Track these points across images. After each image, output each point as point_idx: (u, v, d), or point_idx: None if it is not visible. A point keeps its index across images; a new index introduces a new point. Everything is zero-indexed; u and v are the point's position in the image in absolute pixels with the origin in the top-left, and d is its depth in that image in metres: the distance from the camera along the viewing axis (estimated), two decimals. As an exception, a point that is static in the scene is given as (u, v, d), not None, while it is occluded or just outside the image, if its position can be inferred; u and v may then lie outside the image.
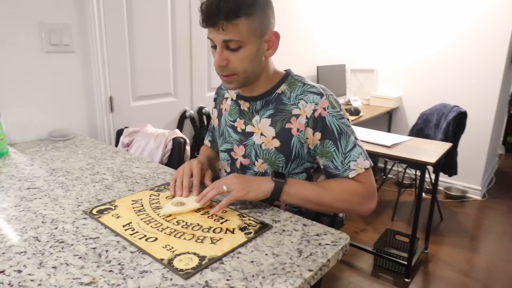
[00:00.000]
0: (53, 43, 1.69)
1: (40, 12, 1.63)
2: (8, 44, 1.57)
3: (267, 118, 1.10)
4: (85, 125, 1.89)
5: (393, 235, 2.61)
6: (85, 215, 0.95)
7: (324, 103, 1.03)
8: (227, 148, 1.20)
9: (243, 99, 1.15)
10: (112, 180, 1.21)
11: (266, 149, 1.10)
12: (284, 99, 1.08)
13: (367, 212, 1.03)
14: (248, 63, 1.01)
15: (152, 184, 1.17)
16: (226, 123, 1.20)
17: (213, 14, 0.93)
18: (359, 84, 4.13)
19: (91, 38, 1.82)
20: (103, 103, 1.91)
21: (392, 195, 3.62)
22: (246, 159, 1.15)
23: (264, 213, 0.98)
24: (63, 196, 1.06)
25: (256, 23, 0.98)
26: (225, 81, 1.05)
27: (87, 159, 1.43)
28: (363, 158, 1.03)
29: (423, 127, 3.16)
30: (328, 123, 1.02)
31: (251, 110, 1.13)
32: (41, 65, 1.68)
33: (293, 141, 1.06)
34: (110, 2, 1.87)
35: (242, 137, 1.15)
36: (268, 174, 1.12)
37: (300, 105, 1.05)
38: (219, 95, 1.29)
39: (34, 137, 1.71)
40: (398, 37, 3.83)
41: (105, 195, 1.08)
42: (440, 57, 3.59)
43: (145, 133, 1.79)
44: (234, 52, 0.99)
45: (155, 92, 2.19)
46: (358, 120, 3.17)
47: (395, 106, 3.83)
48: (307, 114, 1.03)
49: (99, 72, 1.87)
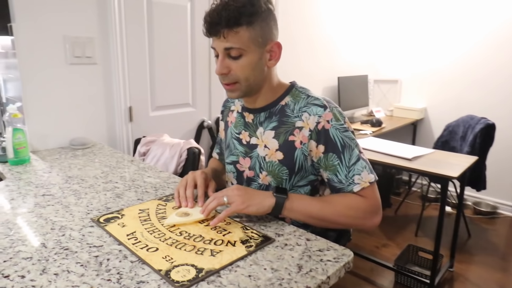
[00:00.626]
0: (76, 55, 1.76)
1: (65, 26, 1.71)
2: (34, 56, 1.64)
3: (270, 130, 1.10)
4: (104, 134, 1.94)
5: (416, 252, 2.53)
6: (92, 223, 0.97)
7: (328, 115, 1.02)
8: (233, 160, 1.21)
9: (247, 111, 1.16)
10: (123, 188, 1.23)
11: (269, 161, 1.10)
12: (288, 111, 1.08)
13: (371, 227, 1.02)
14: (249, 71, 1.02)
15: (161, 194, 1.19)
16: (232, 135, 1.21)
17: (215, 22, 0.96)
18: (382, 95, 4.06)
19: (113, 50, 1.88)
20: (122, 113, 1.97)
21: (417, 209, 3.52)
22: (251, 171, 1.15)
23: (268, 226, 0.98)
24: (75, 204, 1.09)
25: (257, 32, 0.99)
26: (227, 89, 1.06)
27: (103, 168, 1.46)
28: (367, 172, 1.01)
29: (449, 139, 3.08)
30: (332, 136, 1.02)
31: (255, 122, 1.14)
32: (65, 76, 1.75)
33: (296, 153, 1.06)
34: (132, 16, 1.93)
35: (247, 149, 1.16)
36: (270, 186, 1.12)
37: (304, 118, 1.04)
38: (225, 108, 1.31)
39: (55, 145, 1.77)
40: (422, 46, 3.76)
41: (114, 204, 1.10)
42: (467, 68, 3.50)
43: (161, 142, 1.82)
44: (235, 60, 1.00)
45: (173, 102, 2.23)
46: (380, 132, 3.11)
47: (419, 117, 3.74)
48: (310, 127, 1.03)
49: (120, 83, 1.92)
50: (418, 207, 3.55)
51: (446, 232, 2.95)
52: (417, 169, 2.11)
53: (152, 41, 2.05)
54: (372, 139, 2.73)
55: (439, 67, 3.68)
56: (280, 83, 1.12)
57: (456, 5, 3.49)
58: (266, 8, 1.01)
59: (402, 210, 3.50)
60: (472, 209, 3.54)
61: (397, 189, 3.85)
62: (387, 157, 2.30)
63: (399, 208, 3.50)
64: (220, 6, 0.96)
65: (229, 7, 0.95)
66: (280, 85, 1.12)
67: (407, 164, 2.17)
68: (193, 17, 2.21)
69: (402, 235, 3.03)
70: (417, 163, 2.19)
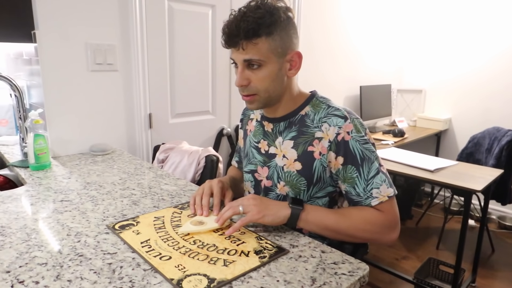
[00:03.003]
0: (97, 62, 1.79)
1: (87, 33, 1.74)
2: (57, 63, 1.68)
3: (289, 140, 1.09)
4: (124, 141, 1.97)
5: (437, 265, 2.46)
6: (107, 229, 0.98)
7: (348, 126, 1.01)
8: (251, 169, 1.20)
9: (267, 120, 1.15)
10: (139, 195, 1.24)
11: (288, 171, 1.09)
12: (308, 121, 1.07)
13: (388, 242, 0.99)
14: (269, 82, 1.01)
15: (177, 202, 1.19)
16: (251, 144, 1.21)
17: (233, 34, 0.96)
18: (406, 104, 4.00)
19: (134, 57, 1.91)
20: (142, 119, 1.99)
21: (438, 221, 3.44)
22: (269, 180, 1.14)
23: (283, 236, 0.97)
24: (91, 210, 1.11)
25: (277, 42, 0.98)
26: (246, 101, 1.06)
27: (121, 174, 1.48)
28: (386, 186, 0.99)
29: (474, 151, 3.00)
30: (351, 148, 1.00)
31: (274, 131, 1.13)
32: (86, 83, 1.78)
33: (315, 164, 1.04)
34: (153, 24, 1.96)
35: (266, 159, 1.15)
36: (288, 197, 1.10)
37: (323, 128, 1.03)
38: (245, 116, 1.31)
39: (76, 151, 1.80)
40: (447, 55, 3.69)
41: (130, 211, 1.11)
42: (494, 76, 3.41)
43: (180, 150, 1.83)
44: (255, 71, 1.00)
45: (193, 110, 2.25)
46: (402, 142, 3.06)
47: (443, 128, 3.66)
48: (330, 138, 1.01)
49: (140, 90, 1.95)
50: (440, 220, 3.46)
51: (468, 246, 2.86)
52: (439, 181, 2.06)
53: (172, 48, 2.07)
54: (394, 150, 2.68)
55: (464, 76, 3.61)
56: (300, 93, 1.12)
57: (481, 11, 3.42)
58: (286, 17, 0.99)
59: (424, 222, 3.43)
60: (496, 223, 3.43)
61: (419, 200, 3.77)
62: (409, 168, 2.25)
63: (421, 220, 3.43)
64: (239, 17, 0.96)
65: (248, 18, 0.94)
66: (301, 94, 1.11)
67: (430, 176, 2.12)
68: (214, 24, 2.23)
69: (423, 247, 2.96)
70: (440, 175, 2.14)
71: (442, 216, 3.54)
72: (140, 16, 1.88)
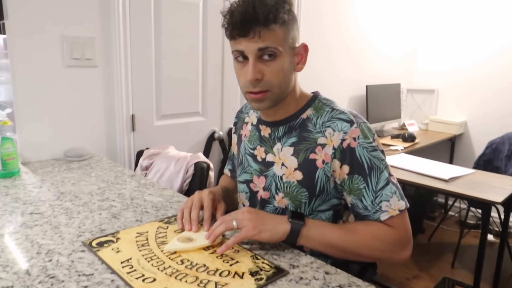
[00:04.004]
0: (74, 57, 1.77)
1: (63, 24, 1.72)
2: (28, 57, 1.66)
3: (289, 146, 1.07)
4: (103, 145, 1.95)
5: (452, 285, 2.46)
6: (83, 247, 0.96)
7: (355, 132, 1.00)
8: (246, 179, 1.19)
9: (264, 124, 1.14)
10: (120, 208, 1.22)
11: (287, 181, 1.07)
12: (310, 125, 1.06)
13: (399, 261, 0.98)
14: (282, 76, 1.00)
15: (162, 215, 1.17)
16: (246, 150, 1.19)
17: (248, 20, 0.93)
18: (417, 106, 4.01)
19: (115, 52, 1.89)
20: (124, 121, 1.97)
21: (454, 236, 3.43)
22: (266, 192, 1.13)
23: (281, 255, 0.95)
24: (65, 224, 1.09)
25: (290, 32, 0.99)
26: (257, 99, 1.01)
27: (99, 183, 1.46)
28: (397, 198, 0.98)
29: (492, 158, 3.00)
30: (358, 156, 0.99)
31: (272, 136, 1.11)
32: (61, 80, 1.76)
33: (318, 174, 1.03)
34: (137, 15, 1.94)
35: (262, 167, 1.13)
36: (287, 210, 1.09)
37: (327, 134, 1.02)
38: (239, 119, 1.29)
39: (49, 156, 1.78)
40: (462, 51, 3.71)
41: (109, 225, 1.09)
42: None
43: (166, 155, 1.82)
44: (268, 63, 0.98)
45: (181, 111, 2.24)
46: (412, 148, 3.06)
47: (458, 132, 3.67)
48: (334, 144, 1.00)
49: (122, 88, 1.93)
50: (455, 234, 3.45)
51: (487, 264, 2.86)
52: (455, 192, 2.05)
53: (159, 42, 2.06)
54: (404, 156, 2.68)
55: (481, 75, 3.62)
56: (302, 93, 1.11)
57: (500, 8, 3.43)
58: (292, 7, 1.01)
59: (437, 237, 3.42)
60: (518, 238, 3.43)
61: (431, 212, 3.77)
62: (421, 177, 2.25)
63: (434, 235, 3.42)
64: (255, 1, 0.93)
65: (265, 2, 0.94)
66: (302, 95, 1.11)
67: (444, 186, 2.12)
68: (206, 16, 2.22)
69: (437, 265, 2.95)
70: (455, 185, 2.13)
71: (458, 230, 3.53)
72: (122, 6, 1.87)
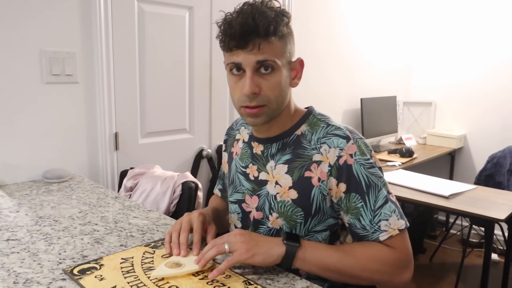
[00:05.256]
0: (54, 73, 1.77)
1: (41, 38, 1.72)
2: (4, 73, 1.65)
3: (283, 164, 1.08)
4: (85, 165, 1.93)
5: (456, 308, 2.45)
6: (64, 275, 0.94)
7: (351, 148, 1.01)
8: (237, 199, 1.18)
9: (256, 141, 1.14)
10: (103, 232, 1.21)
11: (281, 201, 1.07)
12: (304, 142, 1.07)
13: (400, 284, 0.98)
14: (279, 91, 1.02)
15: (148, 239, 1.16)
16: (237, 169, 1.19)
17: (248, 31, 0.94)
18: (414, 119, 4.05)
19: (97, 67, 1.89)
20: (107, 140, 1.96)
21: (456, 256, 3.44)
22: (259, 212, 1.13)
23: (276, 280, 0.94)
24: (44, 251, 1.07)
25: (288, 45, 1.02)
26: (253, 114, 1.01)
27: (81, 206, 1.44)
28: (396, 217, 0.98)
29: (493, 173, 3.03)
30: (355, 173, 0.99)
31: (265, 154, 1.12)
32: (40, 97, 1.75)
33: (314, 192, 1.03)
34: (120, 28, 1.95)
35: (255, 186, 1.13)
36: (282, 231, 1.09)
37: (322, 150, 1.03)
38: (229, 136, 1.30)
39: (26, 178, 1.76)
40: (461, 62, 3.76)
41: (92, 251, 1.07)
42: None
43: (152, 175, 1.81)
44: (266, 77, 0.99)
45: (167, 128, 2.23)
46: (411, 163, 3.08)
47: (458, 146, 3.70)
48: (330, 161, 1.01)
49: (104, 105, 1.93)
50: (457, 254, 3.46)
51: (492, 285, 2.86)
52: (456, 209, 2.07)
53: (143, 56, 2.06)
54: (402, 172, 2.70)
55: (481, 87, 3.67)
56: (296, 109, 1.12)
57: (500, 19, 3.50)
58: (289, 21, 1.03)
59: (439, 256, 3.43)
60: (523, 256, 3.44)
61: (432, 231, 3.77)
62: (420, 194, 2.26)
63: (435, 255, 3.43)
64: (254, 11, 0.95)
65: (265, 13, 0.95)
66: (297, 111, 1.12)
67: (444, 203, 2.13)
68: (192, 29, 2.23)
69: (439, 286, 2.94)
70: (456, 201, 2.15)
71: (460, 249, 3.54)
72: (105, 19, 1.88)
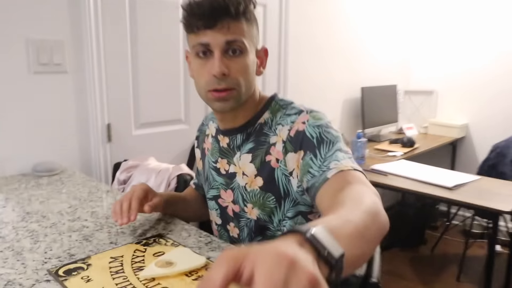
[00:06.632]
0: (42, 62, 1.73)
1: (27, 26, 1.67)
2: (-10, 63, 1.60)
3: (247, 153, 1.08)
4: (76, 158, 1.90)
5: (459, 301, 2.43)
6: (49, 276, 0.89)
7: (303, 118, 1.00)
8: (213, 195, 1.20)
9: (222, 134, 1.14)
10: (93, 228, 1.16)
11: (251, 190, 1.08)
12: (265, 129, 1.07)
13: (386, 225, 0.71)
14: (247, 74, 1.01)
15: (140, 235, 1.11)
16: (209, 165, 1.20)
17: (218, 10, 0.93)
18: (415, 108, 4.02)
19: (87, 56, 1.85)
20: (99, 131, 1.93)
21: (458, 247, 3.41)
22: (236, 205, 1.14)
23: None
24: (29, 250, 1.02)
25: (254, 30, 1.03)
26: (222, 97, 0.99)
27: (70, 201, 1.40)
28: (351, 161, 0.90)
29: (497, 162, 2.98)
30: (308, 135, 0.97)
31: (231, 146, 1.12)
32: (27, 88, 1.71)
33: (276, 175, 1.03)
34: (111, 14, 1.90)
35: (227, 180, 1.14)
36: (262, 220, 1.07)
37: (278, 131, 1.03)
38: (201, 133, 1.30)
39: (16, 171, 1.72)
40: (462, 49, 3.72)
41: (80, 249, 1.03)
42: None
43: (146, 168, 1.77)
44: (234, 59, 0.98)
45: (162, 119, 2.20)
46: (412, 153, 3.04)
47: (460, 135, 3.68)
48: (283, 138, 1.01)
49: (96, 95, 1.89)
50: (460, 245, 3.43)
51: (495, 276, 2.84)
52: (460, 201, 2.04)
53: (135, 44, 2.02)
54: (404, 163, 2.66)
55: (484, 75, 3.63)
56: (261, 97, 1.12)
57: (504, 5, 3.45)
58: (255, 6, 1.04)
59: (440, 248, 3.41)
60: (527, 247, 3.42)
61: (433, 222, 3.75)
62: (422, 185, 2.23)
63: (437, 246, 3.41)
64: None
65: None
66: (261, 99, 1.11)
67: (448, 194, 2.09)
68: (186, 16, 2.18)
69: (441, 279, 2.93)
70: (459, 193, 2.11)
71: (462, 240, 3.51)
72: (94, 5, 1.83)
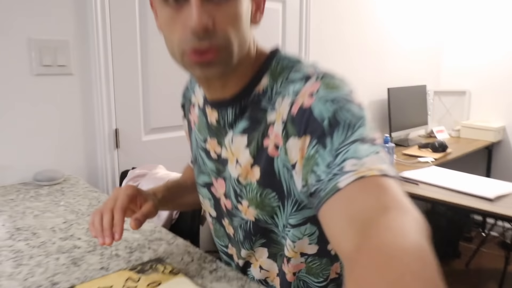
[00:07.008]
0: (45, 64, 1.67)
1: (30, 26, 1.62)
2: (-13, 65, 1.54)
3: (241, 134, 0.82)
4: (82, 166, 1.82)
5: (498, 322, 2.24)
6: (22, 311, 0.76)
7: (312, 87, 0.72)
8: (205, 182, 0.95)
9: (210, 105, 0.86)
10: (85, 249, 1.03)
11: (247, 184, 0.82)
12: (264, 101, 0.79)
13: None
14: (240, 25, 0.72)
15: (136, 260, 0.97)
16: (198, 144, 0.95)
17: None
18: (446, 110, 3.88)
19: (94, 57, 1.78)
20: (106, 137, 1.85)
21: (497, 261, 3.22)
22: (228, 200, 0.89)
23: None
24: (9, 275, 0.90)
25: None
26: (205, 62, 0.71)
27: (67, 215, 1.28)
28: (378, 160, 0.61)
29: (538, 169, 2.78)
30: (317, 113, 0.68)
31: (221, 123, 0.85)
32: (30, 90, 1.65)
33: (276, 166, 0.77)
34: (119, 13, 1.83)
35: (219, 166, 0.89)
36: (262, 221, 0.83)
37: (277, 105, 0.76)
38: (186, 100, 1.03)
39: (16, 180, 1.64)
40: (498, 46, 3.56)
41: (65, 276, 0.89)
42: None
43: (153, 177, 1.65)
44: (220, 6, 0.69)
45: (173, 123, 2.10)
46: (444, 159, 2.85)
47: (496, 139, 3.50)
48: (283, 116, 0.74)
49: (103, 99, 1.82)
50: (498, 259, 3.24)
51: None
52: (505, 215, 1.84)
53: (145, 44, 1.94)
54: (435, 170, 2.47)
55: (520, 75, 3.44)
56: (259, 53, 0.83)
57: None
58: None
59: (476, 262, 3.22)
60: None
61: (467, 233, 3.54)
62: (459, 195, 2.04)
63: (472, 260, 3.22)
64: None
65: None
66: (259, 56, 0.82)
67: (488, 206, 1.91)
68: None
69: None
70: (501, 204, 1.93)
71: (501, 253, 3.31)
72: (101, 3, 1.75)
